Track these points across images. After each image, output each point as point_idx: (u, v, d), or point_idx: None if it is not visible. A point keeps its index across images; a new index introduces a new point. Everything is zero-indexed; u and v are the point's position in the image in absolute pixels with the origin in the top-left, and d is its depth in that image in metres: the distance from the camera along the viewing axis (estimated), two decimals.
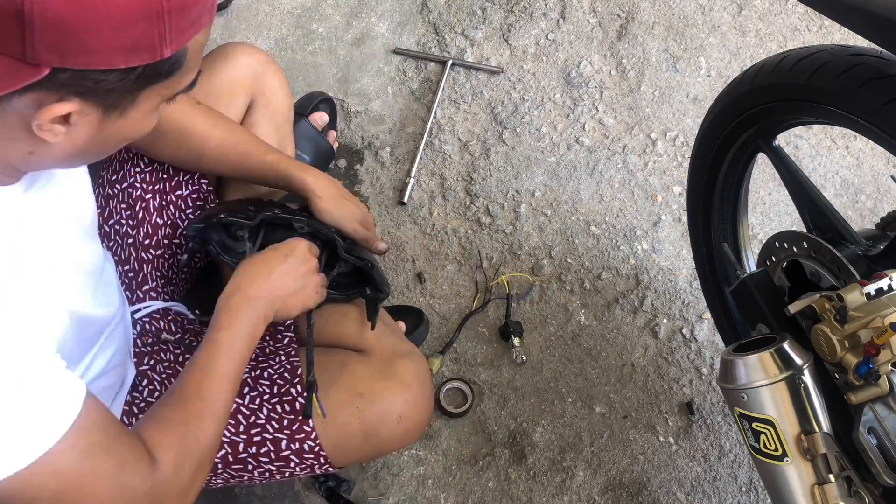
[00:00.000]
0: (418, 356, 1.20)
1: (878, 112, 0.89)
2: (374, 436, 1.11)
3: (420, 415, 1.15)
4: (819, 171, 1.80)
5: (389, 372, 1.14)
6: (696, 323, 1.61)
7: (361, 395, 1.11)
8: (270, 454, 1.08)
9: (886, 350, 0.84)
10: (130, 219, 1.19)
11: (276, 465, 1.09)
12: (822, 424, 0.91)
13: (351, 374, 1.13)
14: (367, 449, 1.13)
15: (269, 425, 1.08)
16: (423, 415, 1.16)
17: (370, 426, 1.10)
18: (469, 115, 1.84)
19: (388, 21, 1.97)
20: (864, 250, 0.98)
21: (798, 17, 2.00)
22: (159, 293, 1.20)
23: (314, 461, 1.09)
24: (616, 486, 1.45)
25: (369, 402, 1.10)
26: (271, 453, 1.08)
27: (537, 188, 1.75)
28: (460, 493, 1.44)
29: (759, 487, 1.46)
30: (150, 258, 1.20)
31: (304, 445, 1.08)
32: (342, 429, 1.10)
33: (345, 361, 1.15)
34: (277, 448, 1.08)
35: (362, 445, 1.12)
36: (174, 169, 1.22)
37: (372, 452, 1.16)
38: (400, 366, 1.15)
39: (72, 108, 0.66)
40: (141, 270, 1.19)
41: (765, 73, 1.06)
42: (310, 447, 1.08)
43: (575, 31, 1.96)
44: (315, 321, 1.11)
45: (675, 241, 1.70)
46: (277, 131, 1.34)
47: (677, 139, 1.81)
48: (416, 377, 1.15)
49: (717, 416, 1.52)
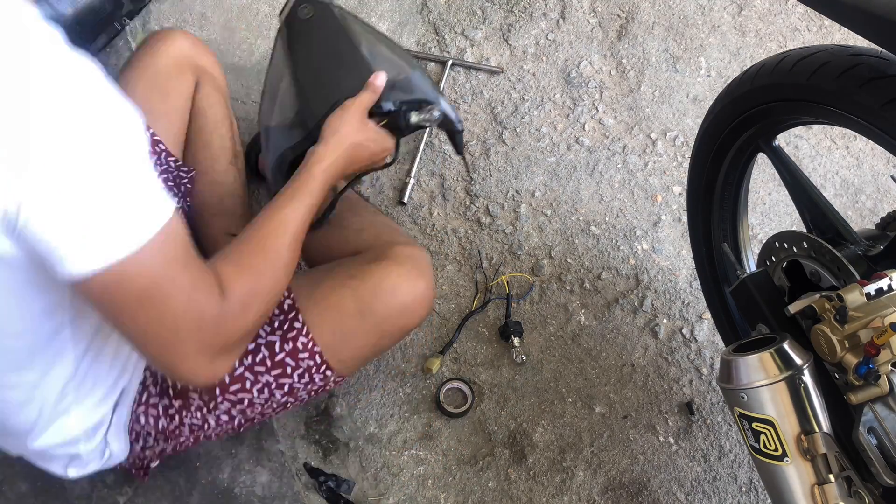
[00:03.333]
0: (416, 246, 1.23)
1: (878, 112, 0.89)
2: (370, 313, 1.11)
3: (416, 289, 1.14)
4: (819, 171, 1.80)
5: (382, 255, 1.16)
6: (696, 323, 1.61)
7: (353, 276, 1.13)
8: (266, 361, 1.09)
9: (886, 350, 0.85)
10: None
11: (274, 376, 1.09)
12: (822, 424, 0.91)
13: (343, 265, 1.17)
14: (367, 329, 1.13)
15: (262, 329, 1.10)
16: (421, 290, 1.15)
17: (364, 303, 1.11)
18: (469, 115, 1.84)
19: (388, 21, 1.97)
20: (864, 250, 0.98)
21: (798, 17, 2.00)
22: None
23: (311, 362, 1.10)
24: (616, 486, 1.45)
25: (360, 280, 1.12)
26: (267, 360, 1.09)
27: (537, 188, 1.75)
28: (460, 493, 1.44)
29: (759, 487, 1.46)
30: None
31: (297, 343, 1.09)
32: (336, 310, 1.11)
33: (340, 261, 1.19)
34: (272, 352, 1.09)
35: (360, 326, 1.12)
36: None
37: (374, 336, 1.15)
38: (393, 250, 1.17)
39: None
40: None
41: (765, 73, 1.06)
42: (304, 344, 1.09)
43: (575, 31, 1.96)
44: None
45: (675, 241, 1.70)
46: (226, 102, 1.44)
47: (677, 139, 1.81)
48: (409, 258, 1.16)
49: (717, 416, 1.52)
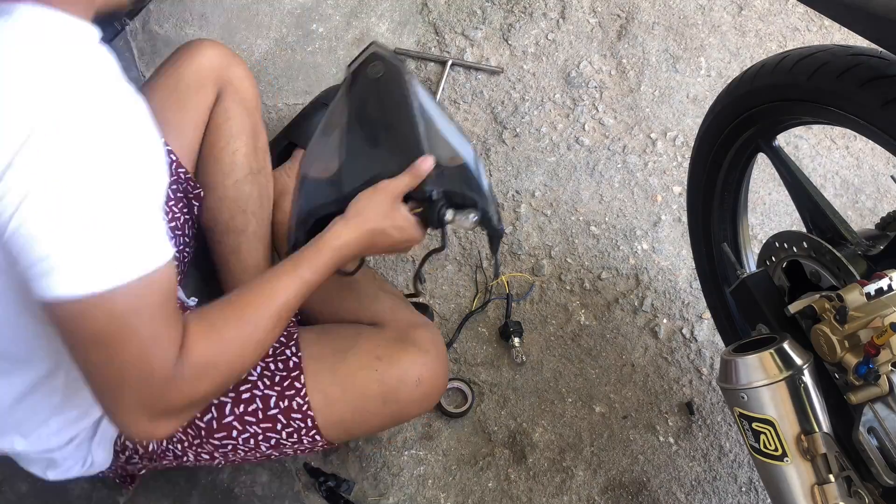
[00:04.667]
0: (433, 327, 1.24)
1: (878, 112, 0.89)
2: (392, 400, 1.13)
3: (437, 378, 1.17)
4: (819, 171, 1.80)
5: (406, 338, 1.17)
6: (696, 323, 1.61)
7: (380, 359, 1.13)
8: (258, 413, 1.08)
9: (886, 350, 0.85)
10: None
11: (262, 428, 1.08)
12: (822, 424, 0.91)
13: (367, 340, 1.16)
14: (386, 414, 1.15)
15: (260, 382, 1.09)
16: (441, 379, 1.19)
17: (389, 389, 1.12)
18: (469, 115, 1.84)
19: (388, 21, 1.97)
20: (864, 250, 0.98)
21: (798, 17, 2.00)
22: None
23: (301, 424, 1.09)
24: (616, 486, 1.45)
25: (388, 364, 1.12)
26: (259, 412, 1.08)
27: (537, 188, 1.75)
28: (460, 493, 1.44)
29: (759, 487, 1.46)
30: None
31: (293, 403, 1.08)
32: (361, 391, 1.11)
33: (360, 331, 1.18)
34: (266, 406, 1.08)
35: (381, 409, 1.13)
36: None
37: (389, 418, 1.17)
38: (416, 334, 1.18)
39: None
40: None
41: (765, 74, 1.06)
42: (298, 405, 1.08)
43: (575, 31, 1.96)
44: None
45: (675, 241, 1.70)
46: (250, 116, 1.37)
47: (677, 139, 1.81)
48: (433, 344, 1.19)
49: (717, 416, 1.52)
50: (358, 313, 1.24)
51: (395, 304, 1.27)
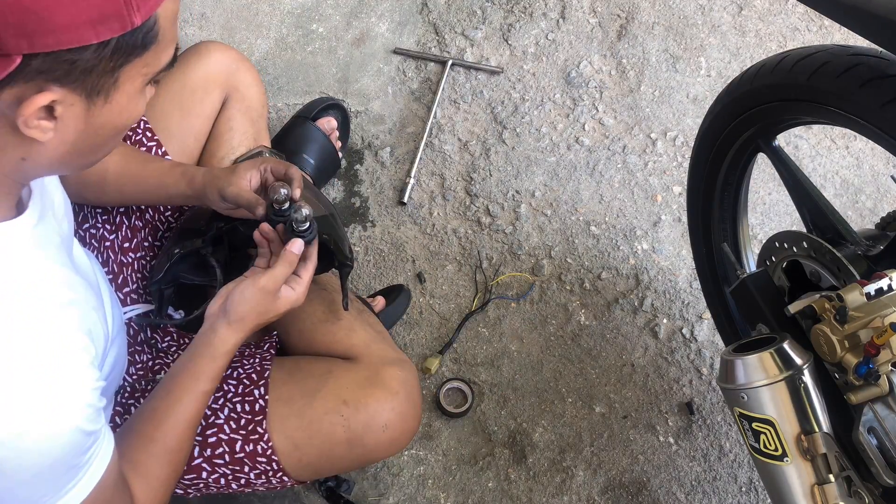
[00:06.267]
0: (407, 364, 1.19)
1: (878, 112, 0.89)
2: (359, 444, 1.10)
3: (406, 423, 1.13)
4: (819, 171, 1.80)
5: (376, 379, 1.13)
6: (696, 323, 1.61)
7: (346, 403, 1.10)
8: (225, 455, 1.08)
9: (886, 350, 0.85)
10: (108, 223, 1.20)
11: (231, 469, 1.08)
12: (822, 424, 0.91)
13: (336, 381, 1.12)
14: (353, 458, 1.13)
15: (226, 425, 1.09)
16: (410, 422, 1.14)
17: (355, 434, 1.09)
18: (469, 115, 1.84)
19: (388, 21, 1.97)
20: (864, 250, 0.98)
21: (798, 17, 2.00)
22: (140, 295, 1.20)
23: (267, 466, 1.09)
24: (616, 486, 1.45)
25: (354, 409, 1.09)
26: (226, 455, 1.08)
27: (537, 188, 1.75)
28: (460, 493, 1.44)
29: (759, 487, 1.46)
30: (129, 261, 1.20)
31: (257, 447, 1.08)
32: (327, 437, 1.09)
33: (331, 369, 1.14)
34: (232, 449, 1.08)
35: (347, 454, 1.11)
36: None
37: (357, 462, 1.15)
38: (387, 373, 1.14)
39: (53, 96, 0.65)
40: (121, 273, 1.18)
41: (765, 73, 1.06)
42: (262, 450, 1.08)
43: (575, 31, 1.96)
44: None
45: (675, 241, 1.70)
46: (253, 125, 1.36)
47: (677, 139, 1.81)
48: (403, 385, 1.14)
49: (717, 416, 1.52)
50: (332, 347, 1.19)
51: (370, 338, 1.21)
